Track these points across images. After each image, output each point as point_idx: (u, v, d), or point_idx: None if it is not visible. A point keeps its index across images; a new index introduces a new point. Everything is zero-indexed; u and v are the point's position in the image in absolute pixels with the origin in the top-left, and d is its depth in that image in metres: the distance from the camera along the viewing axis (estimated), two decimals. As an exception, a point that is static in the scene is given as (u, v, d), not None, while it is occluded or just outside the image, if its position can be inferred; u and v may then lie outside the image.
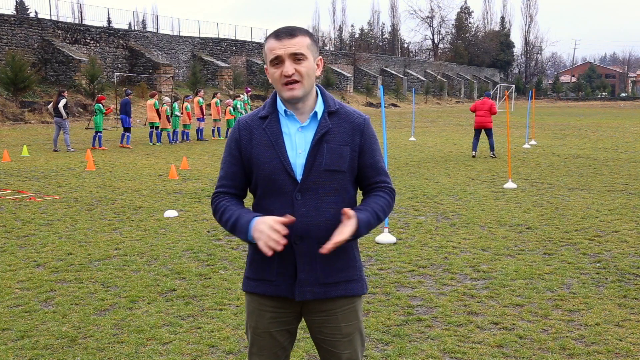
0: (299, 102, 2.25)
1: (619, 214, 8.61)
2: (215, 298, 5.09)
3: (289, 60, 2.19)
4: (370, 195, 2.37)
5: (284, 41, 2.19)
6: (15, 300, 5.04)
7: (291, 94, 2.21)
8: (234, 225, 2.25)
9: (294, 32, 2.21)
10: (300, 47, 2.19)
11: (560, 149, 18.75)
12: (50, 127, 26.28)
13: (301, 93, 2.22)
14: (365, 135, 2.32)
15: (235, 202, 2.34)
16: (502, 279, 5.61)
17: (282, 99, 2.27)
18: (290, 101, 2.24)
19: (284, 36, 2.19)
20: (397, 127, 29.38)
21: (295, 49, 2.18)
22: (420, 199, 9.88)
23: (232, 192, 2.36)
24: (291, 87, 2.20)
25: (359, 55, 63.71)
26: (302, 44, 2.20)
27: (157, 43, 42.06)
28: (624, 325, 4.51)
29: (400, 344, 4.17)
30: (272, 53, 2.20)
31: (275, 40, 2.20)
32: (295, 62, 2.19)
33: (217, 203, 2.35)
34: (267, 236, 2.11)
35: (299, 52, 2.19)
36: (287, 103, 2.28)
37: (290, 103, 2.26)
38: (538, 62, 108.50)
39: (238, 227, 2.23)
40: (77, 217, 8.42)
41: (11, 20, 33.16)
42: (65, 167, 13.80)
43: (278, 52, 2.19)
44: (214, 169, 13.65)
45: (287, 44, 2.18)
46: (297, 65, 2.19)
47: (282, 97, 2.25)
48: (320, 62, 2.29)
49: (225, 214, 2.29)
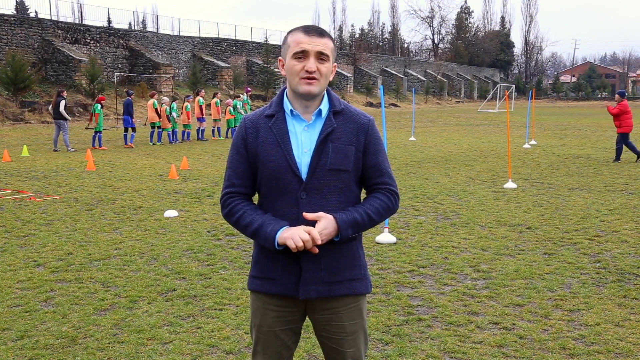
0: (310, 99, 2.28)
1: (619, 214, 8.61)
2: (215, 298, 5.09)
3: (314, 57, 2.23)
4: (368, 196, 2.38)
5: (312, 38, 2.23)
6: (15, 300, 5.04)
7: (308, 89, 2.23)
8: (256, 232, 2.26)
9: (323, 33, 2.26)
10: (326, 48, 2.25)
11: (560, 149, 18.75)
12: (50, 127, 26.29)
13: (317, 90, 2.25)
14: (369, 136, 2.34)
15: (252, 206, 2.35)
16: (502, 279, 5.61)
17: (296, 94, 2.29)
18: (305, 97, 2.26)
19: (313, 33, 2.24)
20: (397, 127, 29.39)
21: (322, 48, 2.23)
22: (420, 199, 9.89)
23: (243, 191, 2.36)
24: (310, 82, 2.23)
25: (359, 55, 63.72)
26: (328, 46, 2.25)
27: (157, 43, 42.06)
28: (624, 325, 4.51)
29: (400, 344, 4.17)
30: (299, 46, 2.23)
31: (304, 35, 2.23)
32: (319, 60, 2.24)
33: (231, 205, 2.34)
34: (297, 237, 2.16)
35: (325, 53, 2.24)
36: (296, 101, 2.29)
37: (303, 99, 2.28)
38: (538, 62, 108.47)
39: (262, 234, 2.24)
40: (77, 217, 8.42)
41: (11, 20, 33.16)
42: (65, 167, 13.80)
43: (305, 47, 2.22)
44: (214, 169, 13.65)
45: (316, 41, 2.23)
46: (320, 64, 2.24)
47: (297, 91, 2.27)
48: (334, 68, 2.34)
49: (245, 219, 2.29)
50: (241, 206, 2.32)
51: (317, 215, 2.20)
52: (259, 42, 51.34)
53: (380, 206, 2.32)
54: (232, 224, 2.35)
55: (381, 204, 2.33)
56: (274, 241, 2.21)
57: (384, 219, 2.36)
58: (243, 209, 2.31)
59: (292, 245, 2.15)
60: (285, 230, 2.20)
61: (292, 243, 2.15)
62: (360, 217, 2.27)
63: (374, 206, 2.31)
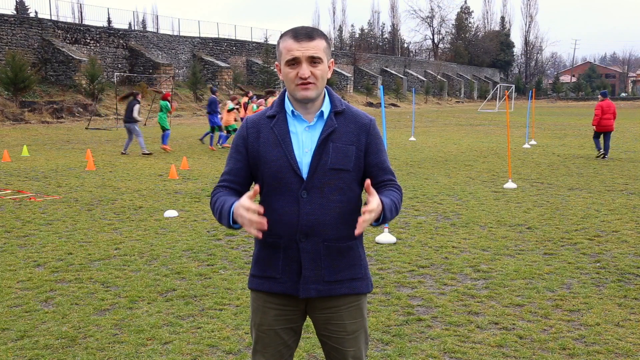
0: (309, 103, 2.28)
1: (619, 214, 8.61)
2: (215, 298, 5.09)
3: (306, 62, 2.21)
4: (385, 190, 2.36)
5: (302, 43, 2.21)
6: (15, 300, 5.04)
7: (305, 94, 2.23)
8: (220, 214, 2.26)
9: (312, 35, 2.23)
10: (317, 51, 2.22)
11: (560, 149, 18.75)
12: (50, 127, 26.29)
13: (314, 94, 2.24)
14: (371, 135, 2.35)
15: (227, 192, 2.35)
16: (502, 279, 5.61)
17: (294, 99, 2.29)
18: (303, 101, 2.27)
19: (302, 38, 2.21)
20: (397, 127, 29.39)
21: (312, 52, 2.21)
22: (420, 199, 9.89)
23: (232, 186, 2.38)
24: (306, 87, 2.22)
25: (359, 55, 63.76)
26: (319, 48, 2.23)
27: (157, 43, 42.07)
28: (624, 325, 4.51)
29: (400, 344, 4.17)
30: (290, 54, 2.21)
31: (293, 41, 2.21)
32: (312, 64, 2.22)
33: (213, 196, 2.38)
34: (248, 220, 2.09)
35: (316, 56, 2.22)
36: (297, 103, 2.30)
37: (302, 103, 2.28)
38: (538, 62, 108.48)
39: (223, 214, 2.24)
40: (77, 217, 8.42)
41: (11, 20, 33.17)
42: (65, 167, 13.80)
43: (296, 54, 2.20)
44: (214, 169, 13.65)
45: (306, 46, 2.20)
46: (313, 68, 2.22)
47: (294, 97, 2.27)
48: (331, 65, 2.33)
49: (216, 204, 2.31)
50: (219, 195, 2.34)
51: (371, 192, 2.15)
52: (258, 42, 51.38)
53: (397, 199, 2.33)
54: (213, 213, 2.36)
55: (398, 197, 2.34)
56: (229, 220, 2.20)
57: (399, 211, 2.35)
58: (217, 196, 2.33)
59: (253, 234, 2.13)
60: (235, 208, 2.15)
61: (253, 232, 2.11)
62: (392, 205, 2.26)
63: (396, 197, 2.32)
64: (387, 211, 2.21)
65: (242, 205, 2.11)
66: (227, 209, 2.22)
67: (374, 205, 2.11)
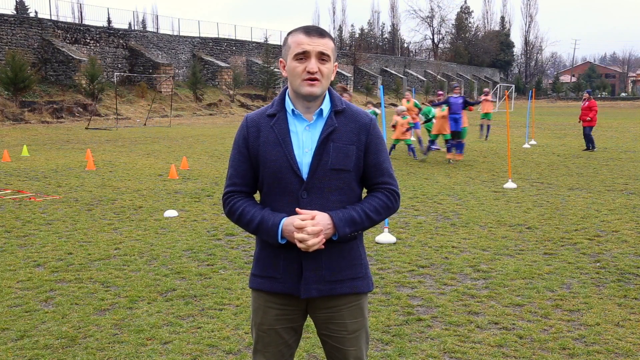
0: (312, 100, 2.27)
1: (619, 214, 8.61)
2: (215, 298, 5.09)
3: (315, 57, 2.22)
4: (367, 196, 2.38)
5: (313, 38, 2.22)
6: (15, 300, 5.04)
7: (311, 90, 2.23)
8: (258, 228, 2.28)
9: (324, 33, 2.25)
10: (327, 49, 2.23)
11: (560, 149, 18.75)
12: (50, 127, 26.30)
13: (319, 91, 2.24)
14: (371, 135, 2.33)
15: (252, 202, 2.36)
16: (502, 279, 5.61)
17: (297, 96, 2.28)
18: (307, 98, 2.26)
19: (314, 34, 2.22)
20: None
21: (323, 48, 2.22)
22: (420, 199, 9.88)
23: (244, 190, 2.37)
24: (312, 83, 2.22)
25: (359, 55, 63.72)
26: (328, 46, 2.24)
27: (157, 43, 42.06)
28: (624, 325, 4.51)
29: (400, 344, 4.17)
30: (300, 47, 2.21)
31: (304, 36, 2.22)
32: (320, 61, 2.23)
33: (232, 204, 2.35)
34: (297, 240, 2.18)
35: (326, 53, 2.23)
36: (298, 101, 2.29)
37: (305, 100, 2.27)
38: (538, 62, 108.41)
39: (264, 229, 2.26)
40: (77, 217, 8.42)
41: (11, 20, 33.17)
42: (65, 167, 13.80)
43: (306, 48, 2.21)
44: (214, 169, 13.65)
45: (317, 42, 2.22)
46: (321, 64, 2.23)
47: (299, 92, 2.26)
48: (335, 68, 2.34)
49: (246, 216, 2.30)
50: (240, 203, 2.33)
51: (311, 213, 2.20)
52: (258, 42, 51.36)
53: (379, 205, 2.31)
54: (235, 222, 2.36)
55: (380, 203, 2.32)
56: (276, 237, 2.23)
57: (383, 218, 2.35)
58: (242, 206, 2.32)
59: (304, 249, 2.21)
60: (284, 224, 2.22)
61: (304, 248, 2.19)
62: (358, 215, 2.26)
63: (373, 205, 2.31)
64: (342, 225, 2.23)
65: (292, 225, 2.19)
66: (272, 227, 2.24)
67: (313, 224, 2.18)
